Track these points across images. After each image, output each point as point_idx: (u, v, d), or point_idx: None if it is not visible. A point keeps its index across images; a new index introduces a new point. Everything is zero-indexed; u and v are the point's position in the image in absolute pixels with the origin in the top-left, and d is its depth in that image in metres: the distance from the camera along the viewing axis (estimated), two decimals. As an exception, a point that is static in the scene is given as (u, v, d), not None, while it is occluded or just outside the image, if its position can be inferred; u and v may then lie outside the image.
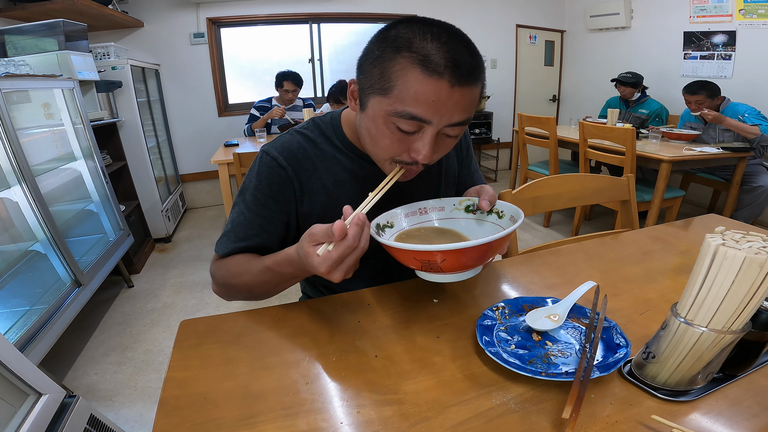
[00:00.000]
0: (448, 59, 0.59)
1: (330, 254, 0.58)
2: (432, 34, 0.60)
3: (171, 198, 3.61)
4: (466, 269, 0.66)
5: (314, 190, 0.82)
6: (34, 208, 1.73)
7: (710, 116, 2.78)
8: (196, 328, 0.73)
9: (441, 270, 0.64)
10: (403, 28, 0.62)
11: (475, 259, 0.63)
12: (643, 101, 3.55)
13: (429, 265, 0.63)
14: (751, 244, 0.45)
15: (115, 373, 1.86)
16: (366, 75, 0.66)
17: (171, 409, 0.55)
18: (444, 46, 0.60)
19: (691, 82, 2.91)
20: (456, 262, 0.62)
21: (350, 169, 0.83)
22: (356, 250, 0.59)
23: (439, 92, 0.60)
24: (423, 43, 0.60)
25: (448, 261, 0.61)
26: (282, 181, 0.80)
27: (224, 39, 4.06)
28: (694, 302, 0.49)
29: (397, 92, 0.61)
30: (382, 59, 0.62)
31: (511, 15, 4.83)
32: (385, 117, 0.64)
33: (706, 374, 0.53)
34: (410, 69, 0.60)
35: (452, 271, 0.65)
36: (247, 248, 0.81)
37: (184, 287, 2.62)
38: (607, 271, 0.90)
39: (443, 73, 0.59)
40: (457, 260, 0.61)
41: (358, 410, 0.54)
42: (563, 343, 0.64)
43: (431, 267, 0.64)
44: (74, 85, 2.21)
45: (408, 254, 0.63)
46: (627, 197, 1.24)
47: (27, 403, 1.03)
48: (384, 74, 0.62)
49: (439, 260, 0.61)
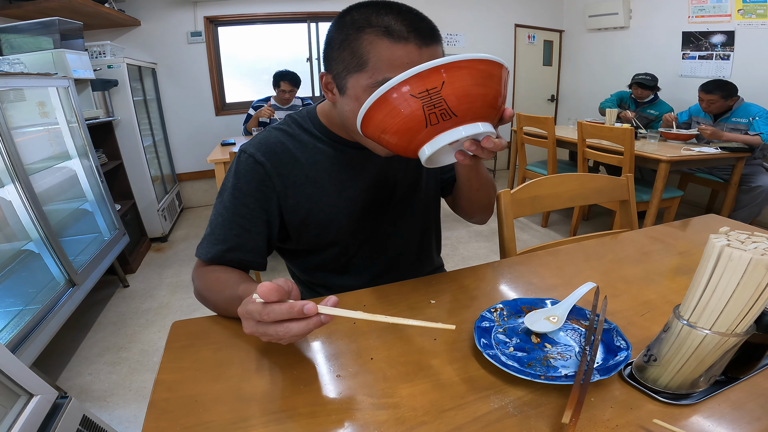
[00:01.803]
0: (408, 26, 0.64)
1: (252, 320, 0.56)
2: (384, 10, 0.66)
3: (167, 197, 3.59)
4: (476, 112, 0.57)
5: (298, 182, 0.82)
6: (28, 208, 1.71)
7: (708, 132, 2.78)
8: (187, 330, 0.72)
9: (451, 113, 0.55)
10: (356, 12, 0.67)
11: (484, 86, 0.56)
12: (655, 102, 3.53)
13: (433, 104, 0.54)
14: (757, 245, 0.44)
15: (110, 373, 1.85)
16: (336, 61, 0.69)
17: (161, 412, 0.54)
18: (399, 16, 0.65)
19: (709, 81, 2.90)
20: (461, 86, 0.54)
21: (331, 156, 0.84)
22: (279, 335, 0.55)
23: (410, 54, 0.64)
24: (380, 18, 0.65)
25: (451, 84, 0.54)
26: (260, 178, 0.79)
27: (222, 38, 4.04)
28: (698, 304, 0.48)
29: (372, 64, 0.65)
30: (348, 41, 0.66)
31: (510, 15, 4.83)
32: (367, 89, 0.67)
33: (709, 377, 0.52)
34: (378, 41, 0.64)
35: (462, 115, 0.56)
36: (228, 250, 0.79)
37: (180, 287, 2.60)
38: (607, 272, 0.89)
39: (408, 38, 0.64)
40: (462, 82, 0.54)
41: (352, 414, 0.53)
42: (563, 346, 0.63)
43: (436, 107, 0.55)
44: (69, 84, 2.19)
45: (401, 86, 0.54)
46: (626, 197, 1.23)
47: (18, 403, 1.01)
48: (355, 53, 0.66)
49: (441, 83, 0.53)
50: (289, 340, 0.54)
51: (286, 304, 0.53)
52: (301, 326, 0.52)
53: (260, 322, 0.54)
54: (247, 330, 0.56)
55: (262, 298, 0.52)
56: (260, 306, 0.53)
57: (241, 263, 0.81)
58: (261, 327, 0.54)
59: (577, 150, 2.95)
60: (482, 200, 0.90)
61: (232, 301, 0.69)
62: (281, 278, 0.56)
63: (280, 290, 0.53)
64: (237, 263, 0.81)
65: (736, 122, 2.87)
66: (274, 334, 0.53)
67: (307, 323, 0.53)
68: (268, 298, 0.52)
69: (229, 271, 0.79)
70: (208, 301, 0.77)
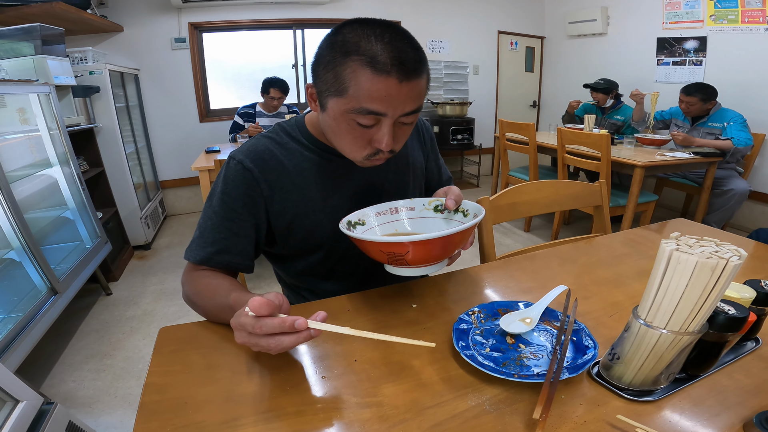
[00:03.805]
0: (393, 58, 0.65)
1: (244, 331, 0.58)
2: (375, 36, 0.66)
3: (150, 204, 3.56)
4: (430, 262, 0.70)
5: (284, 188, 0.85)
6: (9, 216, 1.69)
7: (680, 138, 2.87)
8: (176, 335, 0.73)
9: (407, 262, 0.68)
10: (349, 32, 0.68)
11: (438, 250, 0.67)
12: (618, 108, 3.63)
13: (395, 258, 0.68)
14: (704, 249, 0.48)
15: (94, 380, 1.84)
16: (321, 79, 0.71)
17: (151, 414, 0.56)
18: (388, 46, 0.65)
19: (690, 84, 3.00)
20: (421, 254, 0.67)
21: (317, 164, 0.87)
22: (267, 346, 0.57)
23: (389, 88, 0.66)
24: (369, 45, 0.65)
25: (413, 253, 0.66)
26: (248, 183, 0.82)
27: (206, 43, 4.03)
28: (652, 305, 0.52)
29: (352, 92, 0.67)
30: (334, 64, 0.68)
31: (493, 21, 4.92)
32: (344, 114, 0.70)
33: (668, 374, 0.56)
34: (361, 71, 0.66)
35: (418, 263, 0.69)
36: (216, 252, 0.82)
37: (165, 294, 2.59)
38: (579, 275, 0.93)
39: (391, 72, 0.65)
40: (421, 252, 0.66)
41: (337, 413, 0.55)
42: (536, 346, 0.67)
43: (397, 259, 0.68)
44: (50, 90, 2.17)
45: (375, 246, 0.68)
46: (600, 203, 1.29)
47: (4, 410, 1.02)
48: (338, 77, 0.68)
49: (404, 252, 0.66)
50: (279, 351, 0.57)
51: (278, 319, 0.55)
52: (291, 339, 0.56)
53: (252, 334, 0.57)
54: (239, 340, 0.59)
55: (254, 312, 0.55)
56: (253, 319, 0.56)
57: (229, 266, 0.84)
58: (253, 338, 0.57)
59: (558, 156, 3.02)
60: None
61: (222, 309, 0.71)
62: (272, 292, 0.60)
63: (271, 305, 0.56)
64: (225, 265, 0.83)
65: (712, 126, 2.96)
66: (265, 345, 0.56)
67: (297, 337, 0.56)
68: (259, 312, 0.55)
69: (220, 278, 0.81)
70: (198, 307, 0.79)
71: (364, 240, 0.68)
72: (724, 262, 0.46)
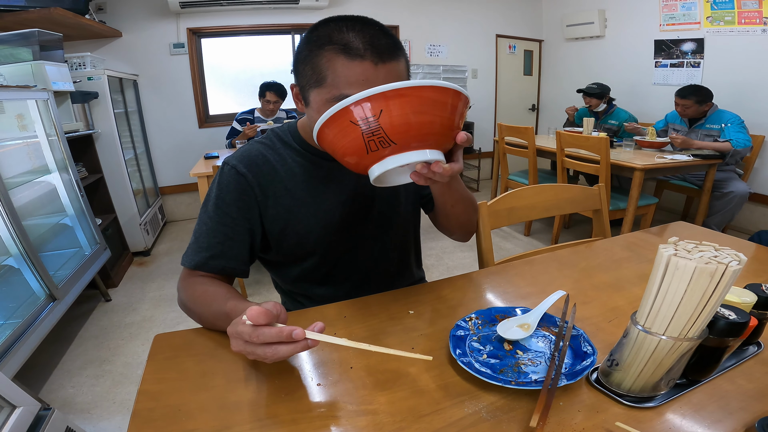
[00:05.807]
0: (366, 43, 0.66)
1: (241, 339, 0.58)
2: (347, 26, 0.68)
3: (150, 211, 3.55)
4: (419, 139, 0.58)
5: (277, 193, 0.85)
6: (7, 223, 1.69)
7: (678, 141, 2.87)
8: (171, 342, 0.73)
9: (389, 141, 0.57)
10: (323, 28, 0.70)
11: (415, 112, 0.56)
12: (611, 112, 3.63)
13: (371, 131, 0.56)
14: (702, 254, 0.47)
15: (93, 386, 1.83)
16: (301, 75, 0.73)
17: (144, 422, 0.55)
18: (359, 34, 0.67)
19: (685, 86, 2.99)
20: (398, 118, 0.56)
21: (309, 169, 0.87)
22: (265, 355, 0.57)
23: (366, 72, 0.67)
24: (341, 35, 0.67)
25: (387, 112, 0.55)
26: (242, 188, 0.83)
27: (205, 49, 4.03)
28: (651, 311, 0.51)
29: (330, 80, 0.68)
30: (311, 57, 0.70)
31: (491, 25, 4.93)
32: (326, 104, 0.69)
33: (668, 380, 0.55)
34: (335, 58, 0.67)
35: (403, 142, 0.58)
36: (212, 257, 0.82)
37: (164, 301, 2.58)
38: (579, 280, 0.93)
39: (365, 55, 0.66)
40: (398, 113, 0.55)
41: (333, 421, 0.55)
42: (533, 352, 0.66)
43: (374, 134, 0.57)
44: (49, 96, 2.17)
45: (345, 115, 0.57)
46: (599, 206, 1.28)
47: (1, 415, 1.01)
48: (315, 69, 0.69)
49: (376, 114, 0.55)
50: (275, 360, 0.57)
51: (276, 329, 0.55)
52: (288, 349, 0.55)
53: (249, 343, 0.56)
54: (235, 348, 0.59)
55: (252, 321, 0.55)
56: (250, 328, 0.56)
57: (224, 270, 0.84)
58: (249, 347, 0.57)
59: (557, 159, 3.01)
60: (460, 216, 0.92)
61: (219, 316, 0.71)
62: (270, 302, 0.60)
63: (269, 314, 0.56)
64: (220, 270, 0.83)
65: (710, 128, 2.95)
66: (261, 354, 0.56)
67: (294, 346, 0.56)
68: (257, 321, 0.55)
69: (216, 285, 0.80)
70: (194, 313, 0.79)
71: (331, 113, 0.57)
72: (723, 268, 0.45)
